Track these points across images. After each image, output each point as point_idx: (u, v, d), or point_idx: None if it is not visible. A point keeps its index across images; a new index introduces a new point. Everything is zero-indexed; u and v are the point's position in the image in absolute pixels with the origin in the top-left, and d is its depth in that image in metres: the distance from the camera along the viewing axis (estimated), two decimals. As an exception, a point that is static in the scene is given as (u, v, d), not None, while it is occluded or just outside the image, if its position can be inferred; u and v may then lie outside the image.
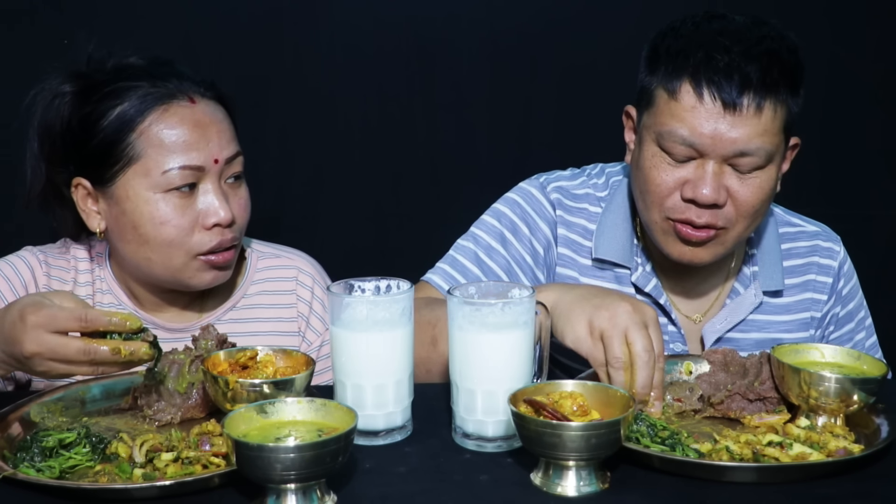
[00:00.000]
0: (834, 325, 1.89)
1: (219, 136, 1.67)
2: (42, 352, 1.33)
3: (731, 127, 1.59)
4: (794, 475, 1.25)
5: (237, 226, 1.71)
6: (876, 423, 1.37)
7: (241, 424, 1.19)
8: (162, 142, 1.63)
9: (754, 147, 1.60)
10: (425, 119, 2.29)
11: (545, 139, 2.30)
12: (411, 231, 2.34)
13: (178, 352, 1.48)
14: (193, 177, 1.64)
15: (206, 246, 1.66)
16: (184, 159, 1.63)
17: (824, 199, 2.27)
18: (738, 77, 1.58)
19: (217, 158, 1.66)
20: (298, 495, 1.15)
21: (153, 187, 1.63)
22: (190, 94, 1.67)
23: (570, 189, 1.87)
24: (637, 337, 1.41)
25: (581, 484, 1.21)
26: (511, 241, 1.82)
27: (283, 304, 1.83)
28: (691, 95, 1.61)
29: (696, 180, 1.63)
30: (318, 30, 2.24)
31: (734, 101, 1.58)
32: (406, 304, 1.38)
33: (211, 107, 1.70)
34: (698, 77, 1.60)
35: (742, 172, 1.63)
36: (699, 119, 1.60)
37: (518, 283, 1.75)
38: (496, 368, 1.33)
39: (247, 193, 1.74)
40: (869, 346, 1.92)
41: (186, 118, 1.65)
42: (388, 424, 1.38)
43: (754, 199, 1.65)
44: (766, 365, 1.45)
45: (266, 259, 1.86)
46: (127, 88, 1.65)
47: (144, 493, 1.20)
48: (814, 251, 1.88)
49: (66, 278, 1.79)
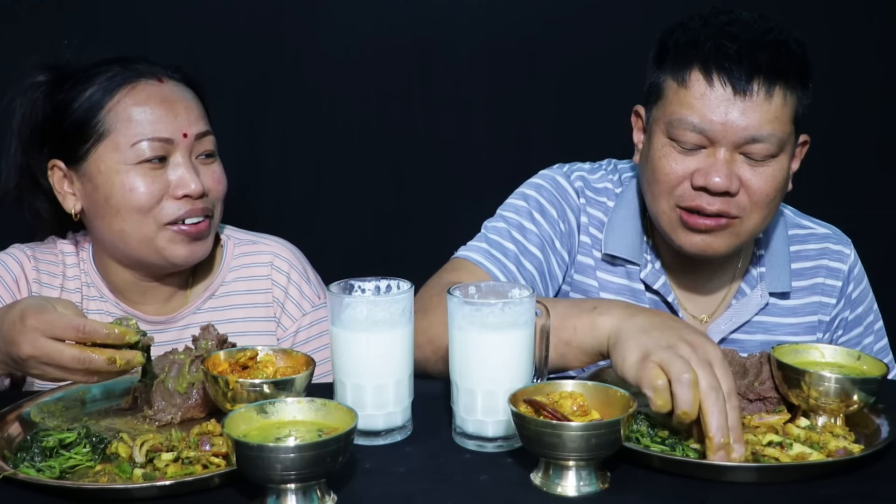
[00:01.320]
0: (843, 329, 1.87)
1: (187, 112, 1.73)
2: (38, 356, 1.34)
3: (741, 113, 1.59)
4: (794, 475, 1.25)
5: (210, 198, 1.75)
6: (876, 423, 1.37)
7: (241, 424, 1.19)
8: (131, 116, 1.69)
9: (766, 133, 1.60)
10: (425, 119, 2.29)
11: (545, 139, 2.30)
12: (411, 231, 2.34)
13: (178, 352, 1.48)
14: (162, 149, 1.69)
15: (175, 214, 1.70)
16: (152, 131, 1.69)
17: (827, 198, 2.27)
18: (747, 62, 1.59)
19: (186, 132, 1.71)
20: (298, 495, 1.15)
21: (124, 160, 1.69)
22: (158, 74, 1.74)
23: (592, 182, 1.87)
24: (701, 374, 1.25)
25: (581, 484, 1.21)
26: (540, 220, 1.81)
27: (259, 289, 1.85)
28: (701, 82, 1.61)
29: (708, 168, 1.62)
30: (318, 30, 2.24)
31: (744, 86, 1.59)
32: (406, 304, 1.38)
33: (179, 87, 1.76)
34: (708, 64, 1.61)
35: (754, 161, 1.63)
36: (710, 105, 1.60)
37: (550, 267, 1.77)
38: (496, 368, 1.33)
39: (220, 169, 1.79)
40: (878, 350, 1.89)
41: (154, 94, 1.71)
42: (388, 424, 1.38)
43: (767, 187, 1.64)
44: (766, 365, 1.45)
45: (243, 245, 1.88)
46: (97, 73, 1.72)
47: (144, 493, 1.20)
48: (823, 254, 1.86)
49: (56, 272, 1.82)
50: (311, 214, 2.31)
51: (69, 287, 1.81)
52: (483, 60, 2.26)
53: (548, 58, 2.26)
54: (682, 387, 1.24)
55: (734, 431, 1.25)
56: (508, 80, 2.27)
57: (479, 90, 2.28)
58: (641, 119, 1.77)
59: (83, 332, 1.33)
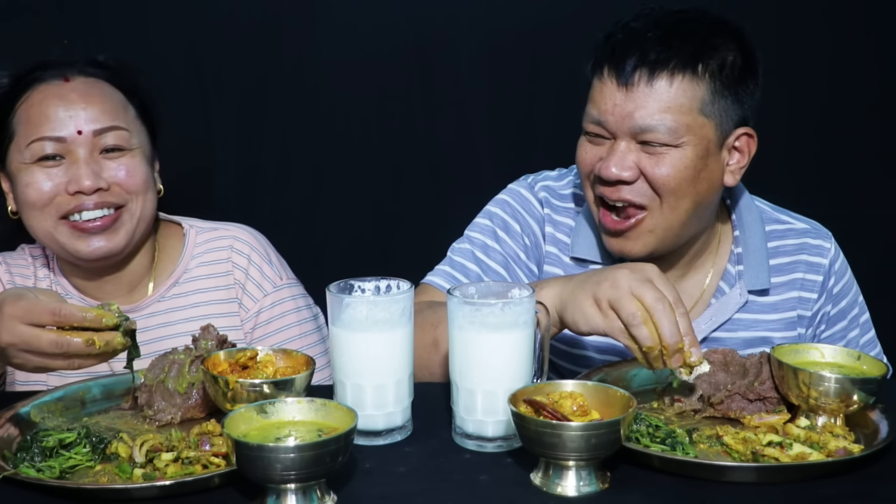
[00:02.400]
0: (825, 323, 1.87)
1: (87, 109, 1.73)
2: (16, 343, 1.35)
3: (626, 103, 1.64)
4: (794, 475, 1.25)
5: (116, 192, 1.74)
6: (876, 423, 1.37)
7: (241, 424, 1.19)
8: (29, 118, 1.73)
9: (654, 122, 1.63)
10: (425, 119, 2.29)
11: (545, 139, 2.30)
12: (411, 231, 2.34)
13: (179, 352, 1.48)
14: (56, 147, 1.72)
15: (65, 209, 1.71)
16: (43, 131, 1.71)
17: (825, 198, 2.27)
18: (633, 53, 1.64)
19: (81, 130, 1.72)
20: (298, 495, 1.15)
21: (23, 159, 1.73)
22: (65, 73, 1.76)
23: (557, 189, 1.90)
24: (643, 291, 1.38)
25: (581, 484, 1.21)
26: (504, 238, 1.84)
27: (220, 272, 1.87)
28: (598, 76, 1.69)
29: (606, 157, 1.68)
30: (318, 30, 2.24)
31: (627, 77, 1.64)
32: (406, 304, 1.38)
33: (88, 84, 1.77)
34: (601, 57, 1.68)
35: (652, 148, 1.65)
36: (603, 97, 1.67)
37: (517, 282, 1.75)
38: (496, 368, 1.33)
39: (133, 162, 1.76)
40: (864, 344, 1.89)
41: (51, 94, 1.74)
42: (388, 424, 1.38)
43: (668, 177, 1.65)
44: (766, 365, 1.45)
45: (204, 234, 1.90)
46: (13, 76, 1.77)
47: (144, 493, 1.20)
48: (802, 249, 1.85)
49: (27, 274, 1.86)
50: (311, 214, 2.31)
51: (41, 287, 1.82)
52: (483, 60, 2.26)
53: (548, 58, 2.26)
54: (638, 327, 1.37)
55: (688, 336, 1.38)
56: (508, 80, 2.27)
57: (479, 90, 2.28)
58: None
59: (60, 316, 1.34)
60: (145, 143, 1.81)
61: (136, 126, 1.80)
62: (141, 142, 1.79)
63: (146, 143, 1.82)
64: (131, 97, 1.81)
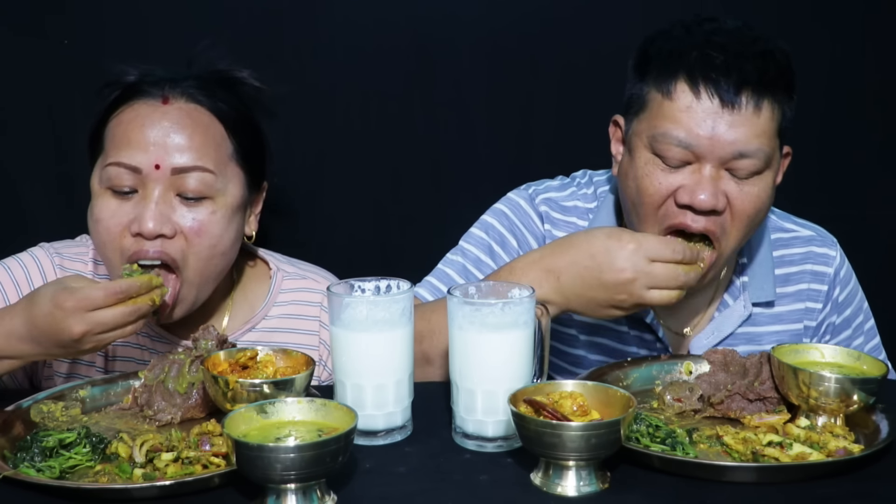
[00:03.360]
0: (830, 333, 1.84)
1: (174, 141, 1.56)
2: (90, 329, 1.38)
3: (729, 127, 1.53)
4: (794, 475, 1.25)
5: (176, 244, 1.56)
6: (876, 423, 1.37)
7: (241, 424, 1.19)
8: (114, 136, 1.60)
9: (753, 148, 1.54)
10: (425, 118, 2.29)
11: (545, 139, 2.29)
12: (411, 231, 2.33)
13: (179, 352, 1.48)
14: (130, 178, 1.56)
15: (127, 253, 1.56)
16: (121, 155, 1.56)
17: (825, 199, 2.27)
18: (735, 74, 1.53)
19: (159, 164, 1.55)
20: (298, 495, 1.15)
21: (100, 181, 1.60)
22: (166, 93, 1.60)
23: (559, 201, 1.83)
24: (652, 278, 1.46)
25: (581, 484, 1.21)
26: (499, 253, 1.79)
27: (306, 329, 1.78)
28: (687, 94, 1.55)
29: (693, 185, 1.56)
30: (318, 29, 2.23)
31: (732, 98, 1.53)
32: (406, 304, 1.38)
33: (185, 111, 1.60)
34: (694, 74, 1.54)
35: (740, 178, 1.57)
36: (696, 118, 1.54)
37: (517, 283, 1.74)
38: (496, 368, 1.33)
39: (208, 216, 1.58)
40: (869, 351, 1.85)
41: (142, 116, 1.58)
42: (388, 424, 1.38)
43: (751, 207, 1.58)
44: (766, 365, 1.45)
45: (291, 280, 1.80)
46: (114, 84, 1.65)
47: (144, 493, 1.20)
48: (807, 258, 1.81)
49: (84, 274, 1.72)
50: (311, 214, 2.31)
51: None
52: (483, 60, 2.26)
53: (548, 58, 2.26)
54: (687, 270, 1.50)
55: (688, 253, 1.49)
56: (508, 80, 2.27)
57: (479, 90, 2.28)
58: (620, 129, 1.71)
59: (123, 293, 1.40)
60: (236, 189, 1.63)
61: (228, 168, 1.61)
62: (229, 187, 1.61)
63: (238, 189, 1.63)
64: (234, 132, 1.64)
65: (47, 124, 2.19)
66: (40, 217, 2.20)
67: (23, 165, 2.21)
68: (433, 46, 2.26)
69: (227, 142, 1.63)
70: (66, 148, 2.19)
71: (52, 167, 2.21)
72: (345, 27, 2.24)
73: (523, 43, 2.26)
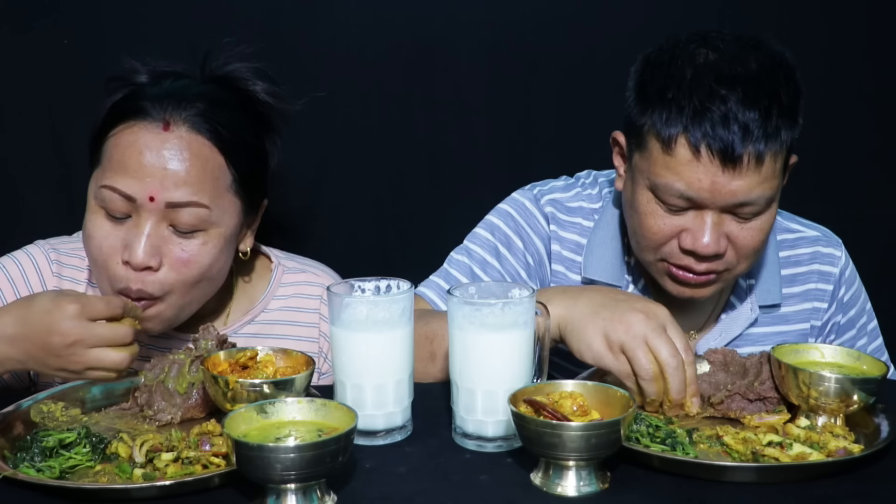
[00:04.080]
0: (835, 333, 1.84)
1: (172, 174, 1.52)
2: (84, 338, 1.33)
3: (730, 180, 1.52)
4: (794, 475, 1.25)
5: (158, 281, 1.53)
6: (876, 423, 1.37)
7: (241, 424, 1.19)
8: (112, 156, 1.55)
9: (755, 196, 1.54)
10: (425, 118, 2.29)
11: (545, 139, 2.29)
12: (411, 231, 2.33)
13: (178, 352, 1.48)
14: (124, 205, 1.52)
15: (116, 283, 1.54)
16: (116, 180, 1.52)
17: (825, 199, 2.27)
18: (736, 128, 1.50)
19: (153, 196, 1.51)
20: (298, 495, 1.15)
21: (94, 197, 1.56)
22: (168, 118, 1.54)
23: (564, 202, 1.82)
24: (659, 344, 1.38)
25: (581, 484, 1.21)
26: (505, 254, 1.79)
27: (306, 322, 1.79)
28: (687, 150, 1.52)
29: (696, 231, 1.57)
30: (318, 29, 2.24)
31: (733, 155, 1.50)
32: (406, 304, 1.38)
33: (186, 141, 1.55)
34: (694, 131, 1.51)
35: (742, 219, 1.58)
36: (696, 174, 1.53)
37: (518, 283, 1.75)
38: (496, 368, 1.33)
39: (199, 248, 1.55)
40: (871, 352, 1.86)
41: (141, 140, 1.53)
42: (388, 424, 1.38)
43: (755, 241, 1.59)
44: (766, 365, 1.45)
45: (291, 273, 1.80)
46: (116, 91, 1.62)
47: (144, 493, 1.20)
48: (815, 258, 1.82)
49: (80, 278, 1.72)
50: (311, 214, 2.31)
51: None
52: (483, 61, 2.26)
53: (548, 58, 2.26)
54: (649, 382, 1.39)
55: (691, 386, 1.40)
56: (508, 80, 2.27)
57: (479, 90, 2.28)
58: (620, 147, 1.69)
59: (125, 309, 1.40)
60: (231, 220, 1.60)
61: (224, 200, 1.58)
62: (224, 218, 1.58)
63: (233, 219, 1.61)
64: (234, 162, 1.59)
65: (47, 124, 2.19)
66: (40, 217, 2.20)
67: (23, 165, 2.21)
68: (433, 46, 2.26)
69: (226, 173, 1.59)
70: (66, 148, 2.19)
71: (52, 167, 2.21)
72: (345, 27, 2.24)
73: (523, 43, 2.26)
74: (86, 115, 1.69)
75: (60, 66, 2.17)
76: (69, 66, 2.16)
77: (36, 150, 2.21)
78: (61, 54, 2.17)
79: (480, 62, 2.27)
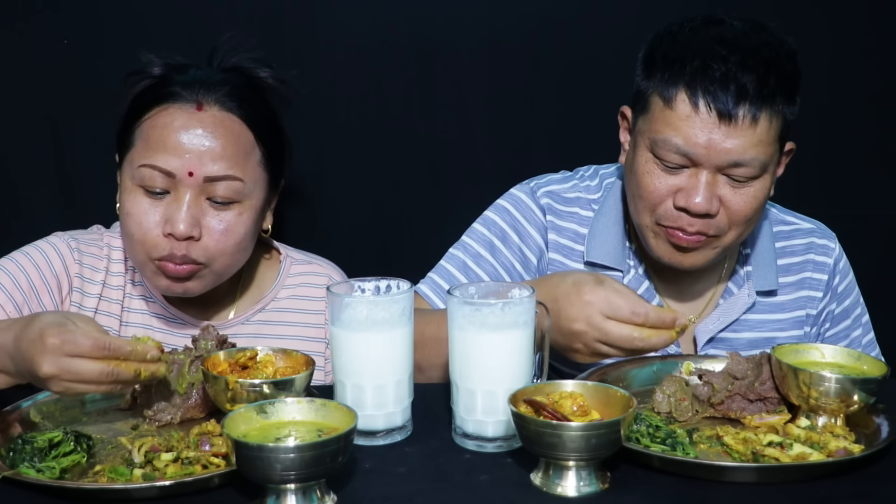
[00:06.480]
0: (830, 322, 1.89)
1: (207, 150, 1.63)
2: (59, 374, 1.29)
3: (725, 137, 1.59)
4: (794, 475, 1.25)
5: (201, 248, 1.64)
6: (876, 423, 1.37)
7: (241, 424, 1.19)
8: (148, 138, 1.64)
9: (749, 157, 1.60)
10: (425, 118, 2.29)
11: (545, 139, 2.29)
12: (411, 231, 2.33)
13: (178, 352, 1.48)
14: (163, 181, 1.62)
15: (157, 252, 1.63)
16: (156, 159, 1.62)
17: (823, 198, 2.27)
18: (734, 87, 1.58)
19: (192, 171, 1.62)
20: (298, 495, 1.15)
21: (132, 178, 1.65)
22: (200, 99, 1.65)
23: (561, 193, 1.87)
24: (611, 342, 1.44)
25: (581, 484, 1.21)
26: (500, 248, 1.83)
27: (313, 310, 1.84)
28: (686, 104, 1.60)
29: (689, 189, 1.63)
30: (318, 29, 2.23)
31: (730, 111, 1.57)
32: (406, 304, 1.38)
33: (219, 119, 1.66)
34: (694, 86, 1.59)
35: (736, 182, 1.63)
36: (694, 129, 1.60)
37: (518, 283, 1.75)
38: (496, 368, 1.33)
39: (235, 219, 1.67)
40: (866, 343, 1.91)
41: (178, 121, 1.64)
42: (388, 424, 1.38)
43: (747, 208, 1.65)
44: (766, 365, 1.45)
45: (299, 265, 1.88)
46: (146, 80, 1.69)
47: (144, 493, 1.20)
48: (809, 248, 1.87)
49: (99, 266, 1.77)
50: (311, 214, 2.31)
51: (112, 284, 1.77)
52: (483, 60, 2.26)
53: (548, 58, 2.26)
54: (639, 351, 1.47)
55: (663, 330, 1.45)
56: (508, 80, 2.27)
57: (479, 90, 2.28)
58: (627, 121, 1.77)
59: (109, 351, 1.29)
60: (261, 192, 1.71)
61: (255, 174, 1.69)
62: (255, 192, 1.69)
63: (262, 192, 1.72)
64: (262, 138, 1.71)
65: (47, 124, 2.19)
66: (40, 217, 2.20)
67: (23, 165, 2.21)
68: (433, 46, 2.26)
69: (256, 149, 1.70)
70: (66, 148, 2.19)
71: (52, 167, 2.21)
72: (345, 27, 2.24)
73: (523, 43, 2.26)
74: (86, 115, 1.70)
75: (60, 65, 2.17)
76: (69, 65, 2.16)
77: (36, 149, 2.21)
78: (61, 54, 2.17)
79: (480, 62, 2.27)
